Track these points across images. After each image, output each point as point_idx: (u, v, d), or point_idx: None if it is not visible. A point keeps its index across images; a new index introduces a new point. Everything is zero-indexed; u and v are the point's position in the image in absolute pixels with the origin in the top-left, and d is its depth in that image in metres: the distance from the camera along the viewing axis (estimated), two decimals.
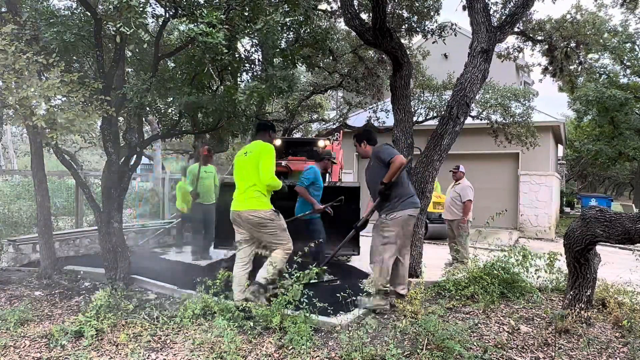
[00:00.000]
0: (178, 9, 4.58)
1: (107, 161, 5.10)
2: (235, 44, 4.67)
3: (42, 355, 3.35)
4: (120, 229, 5.12)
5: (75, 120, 3.83)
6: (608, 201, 15.99)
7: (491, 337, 3.62)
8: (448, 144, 5.40)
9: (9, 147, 24.02)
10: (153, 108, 5.47)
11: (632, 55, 17.30)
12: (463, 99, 5.31)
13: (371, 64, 12.19)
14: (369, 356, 3.12)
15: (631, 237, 3.56)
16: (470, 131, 11.74)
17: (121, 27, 3.73)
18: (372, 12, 5.58)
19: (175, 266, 6.45)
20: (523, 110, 11.53)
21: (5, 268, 6.02)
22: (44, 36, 4.48)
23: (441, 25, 9.85)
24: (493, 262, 4.97)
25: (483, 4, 5.42)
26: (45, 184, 5.54)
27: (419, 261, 5.51)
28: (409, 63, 5.83)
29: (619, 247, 9.61)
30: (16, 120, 4.15)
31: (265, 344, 3.47)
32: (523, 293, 4.72)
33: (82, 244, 7.27)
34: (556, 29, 9.82)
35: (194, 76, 5.33)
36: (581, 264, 3.98)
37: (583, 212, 3.95)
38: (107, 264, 5.09)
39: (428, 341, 3.29)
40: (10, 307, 4.31)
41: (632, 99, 16.65)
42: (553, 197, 12.86)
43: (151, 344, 3.52)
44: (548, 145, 12.79)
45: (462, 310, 4.33)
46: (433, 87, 12.77)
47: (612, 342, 3.61)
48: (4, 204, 8.92)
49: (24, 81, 3.71)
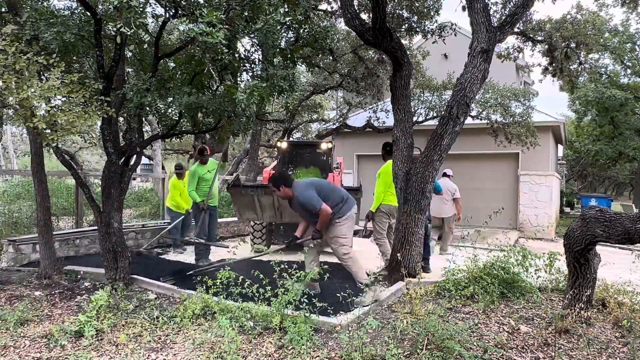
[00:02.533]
0: (178, 9, 4.58)
1: (107, 161, 5.10)
2: (235, 43, 4.68)
3: (42, 355, 3.35)
4: (120, 229, 5.12)
5: (76, 121, 3.83)
6: (608, 201, 15.98)
7: (491, 337, 3.62)
8: (448, 144, 5.40)
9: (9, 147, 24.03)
10: (153, 108, 5.47)
11: (632, 55, 17.30)
12: (463, 99, 5.30)
13: (371, 64, 12.19)
14: (369, 356, 3.12)
15: (631, 237, 3.56)
16: (470, 131, 11.74)
17: (121, 28, 3.74)
18: (372, 12, 5.58)
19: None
20: (523, 110, 11.52)
21: (5, 268, 6.02)
22: (43, 36, 4.48)
23: (441, 25, 9.86)
24: (493, 262, 4.97)
25: (483, 4, 5.41)
26: (45, 184, 5.54)
27: (418, 261, 5.51)
28: (409, 63, 5.83)
29: (618, 247, 9.61)
30: (16, 121, 4.16)
31: (265, 344, 3.47)
32: (523, 293, 4.71)
33: (82, 244, 7.28)
34: (556, 29, 9.82)
35: (194, 76, 5.33)
36: (581, 264, 3.98)
37: (583, 212, 3.95)
38: (107, 264, 5.09)
39: (428, 341, 3.29)
40: (10, 307, 4.31)
41: (632, 99, 16.66)
42: (553, 197, 12.85)
43: (151, 344, 3.53)
44: (548, 145, 12.78)
45: (462, 310, 4.33)
46: (433, 87, 12.76)
47: (612, 342, 3.61)
48: (4, 204, 8.92)
49: (24, 82, 3.71)
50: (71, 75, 4.04)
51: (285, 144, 9.14)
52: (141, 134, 5.56)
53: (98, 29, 4.53)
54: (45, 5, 5.46)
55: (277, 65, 5.34)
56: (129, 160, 5.27)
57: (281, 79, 5.02)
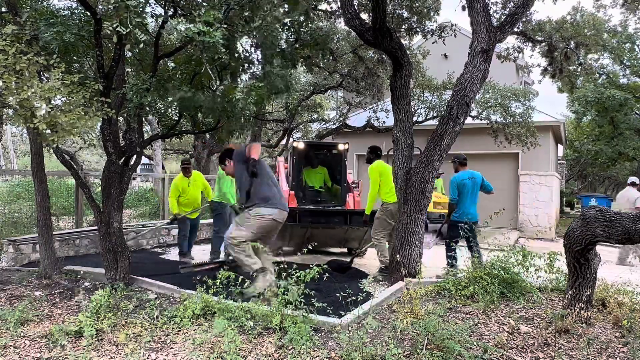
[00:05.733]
0: (177, 9, 4.58)
1: (107, 161, 5.10)
2: (234, 43, 4.67)
3: (42, 355, 3.35)
4: (120, 229, 5.11)
5: (76, 122, 3.82)
6: (608, 201, 15.95)
7: (491, 337, 3.62)
8: (448, 144, 5.40)
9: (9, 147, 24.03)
10: (153, 108, 5.48)
11: (631, 55, 17.31)
12: (463, 99, 5.31)
13: (371, 64, 12.19)
14: (369, 356, 3.12)
15: (631, 237, 3.56)
16: (470, 131, 11.74)
17: (118, 27, 3.73)
18: (372, 12, 5.58)
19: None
20: (523, 110, 11.54)
21: (5, 268, 6.02)
22: (43, 36, 4.48)
23: (441, 26, 9.86)
24: (493, 262, 4.97)
25: (483, 4, 5.42)
26: (45, 184, 5.54)
27: (419, 261, 5.50)
28: (409, 63, 5.83)
29: (618, 247, 9.60)
30: (16, 121, 4.15)
31: (265, 344, 3.47)
32: (523, 293, 4.71)
33: (82, 244, 7.28)
34: (556, 30, 9.81)
35: (194, 76, 5.33)
36: (581, 264, 3.97)
37: (583, 212, 3.95)
38: (107, 264, 5.09)
39: (428, 341, 3.29)
40: (10, 307, 4.31)
41: (631, 99, 16.66)
42: (553, 197, 12.86)
43: (151, 344, 3.52)
44: (548, 145, 12.79)
45: (462, 310, 4.32)
46: (433, 87, 12.78)
47: (612, 342, 3.61)
48: (4, 204, 8.91)
49: (24, 82, 3.70)
50: (71, 76, 4.03)
51: (301, 144, 8.81)
52: (141, 134, 5.56)
53: (98, 29, 4.53)
54: (45, 5, 5.46)
55: (276, 65, 5.34)
56: (129, 160, 5.27)
57: (279, 77, 5.02)
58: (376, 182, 6.41)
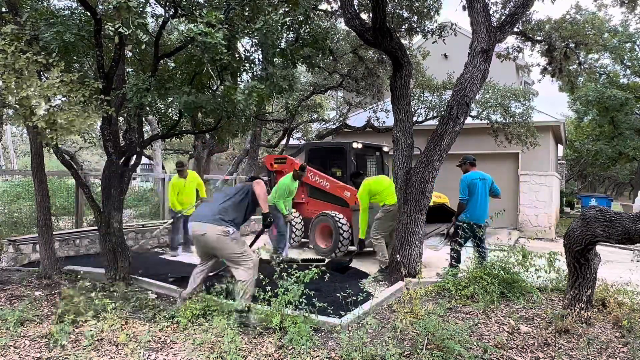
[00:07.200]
0: (178, 9, 4.58)
1: (107, 161, 5.10)
2: (235, 43, 4.67)
3: (42, 355, 3.35)
4: (120, 229, 5.11)
5: (75, 120, 3.82)
6: (608, 201, 15.96)
7: (491, 337, 3.62)
8: (448, 144, 5.40)
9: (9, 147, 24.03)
10: (153, 108, 5.47)
11: (632, 55, 17.31)
12: (463, 99, 5.30)
13: (371, 64, 12.18)
14: (369, 356, 3.12)
15: (631, 237, 3.56)
16: (470, 131, 11.73)
17: (120, 28, 3.73)
18: (372, 12, 5.58)
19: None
20: (523, 110, 11.52)
21: (5, 268, 6.02)
22: (43, 36, 4.47)
23: (441, 25, 9.85)
24: (493, 262, 4.97)
25: (483, 4, 5.41)
26: (45, 184, 5.54)
27: (419, 261, 5.50)
28: (409, 63, 5.83)
29: (618, 247, 9.60)
30: (16, 120, 4.15)
31: (265, 344, 3.47)
32: (523, 293, 4.71)
33: (82, 244, 7.28)
34: (555, 29, 9.82)
35: (194, 76, 5.33)
36: (581, 264, 3.97)
37: (583, 212, 3.95)
38: (107, 264, 5.09)
39: (428, 341, 3.29)
40: (10, 307, 4.31)
41: (632, 99, 16.66)
42: (553, 197, 12.85)
43: (151, 344, 3.52)
44: (548, 145, 12.78)
45: (462, 310, 4.32)
46: (433, 87, 12.76)
47: (612, 342, 3.61)
48: (4, 204, 8.91)
49: (23, 81, 3.70)
50: (71, 75, 4.03)
51: (360, 144, 8.53)
52: (141, 134, 5.56)
53: (98, 29, 4.53)
54: (45, 5, 5.46)
55: (277, 65, 5.34)
56: (129, 160, 5.27)
57: (281, 78, 5.01)
58: (366, 209, 6.58)
